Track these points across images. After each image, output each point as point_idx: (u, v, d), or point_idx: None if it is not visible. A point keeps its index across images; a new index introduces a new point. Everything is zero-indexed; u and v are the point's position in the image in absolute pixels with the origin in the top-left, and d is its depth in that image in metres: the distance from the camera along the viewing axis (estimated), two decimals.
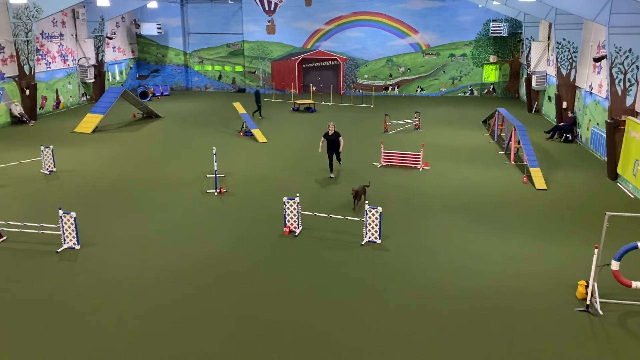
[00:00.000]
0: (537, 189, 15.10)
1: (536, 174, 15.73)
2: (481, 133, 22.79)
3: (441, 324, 8.39)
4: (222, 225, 12.42)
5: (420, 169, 17.18)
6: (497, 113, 21.25)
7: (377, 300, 9.09)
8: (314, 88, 32.64)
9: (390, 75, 34.30)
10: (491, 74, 33.46)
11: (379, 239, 11.41)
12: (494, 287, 9.55)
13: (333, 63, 34.29)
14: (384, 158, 17.69)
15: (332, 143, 15.78)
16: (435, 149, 19.75)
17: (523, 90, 30.93)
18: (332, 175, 16.16)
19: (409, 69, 34.00)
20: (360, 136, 22.10)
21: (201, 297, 9.20)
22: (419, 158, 17.38)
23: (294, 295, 9.27)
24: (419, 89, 34.27)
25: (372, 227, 11.40)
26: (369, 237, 11.47)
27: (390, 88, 34.52)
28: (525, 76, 28.72)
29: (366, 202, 13.28)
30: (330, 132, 15.73)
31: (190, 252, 10.99)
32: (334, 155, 16.11)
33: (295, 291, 9.41)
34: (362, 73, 34.50)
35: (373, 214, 11.29)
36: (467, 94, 33.94)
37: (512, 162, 17.90)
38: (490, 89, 33.64)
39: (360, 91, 34.21)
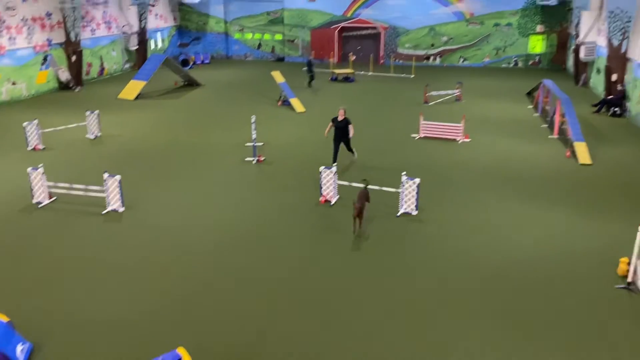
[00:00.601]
0: (581, 164, 14.67)
1: (580, 148, 15.26)
2: (524, 106, 22.16)
3: (477, 297, 8.39)
4: (259, 193, 12.62)
5: (460, 142, 16.91)
6: (541, 85, 20.58)
7: (411, 272, 9.13)
8: (354, 57, 32.24)
9: (432, 45, 33.53)
10: (537, 45, 32.29)
11: (415, 210, 11.38)
12: (533, 261, 9.44)
13: (373, 32, 33.71)
14: (422, 130, 17.47)
15: (341, 130, 14.06)
16: (476, 121, 19.36)
17: (570, 62, 29.76)
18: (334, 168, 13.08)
19: (451, 38, 33.15)
20: (399, 107, 21.85)
21: (236, 262, 9.45)
22: (460, 130, 17.09)
23: (326, 264, 9.40)
24: (461, 59, 33.43)
25: (409, 199, 11.36)
26: (405, 209, 11.45)
27: (431, 58, 33.80)
28: (573, 47, 27.59)
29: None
30: (340, 118, 14.08)
31: (228, 218, 11.24)
32: (343, 145, 14.36)
33: (327, 260, 9.54)
34: (403, 42, 33.84)
35: (410, 186, 11.24)
36: (511, 65, 32.93)
37: (556, 136, 17.40)
38: (536, 60, 32.51)
39: (401, 61, 33.62)
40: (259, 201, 12.13)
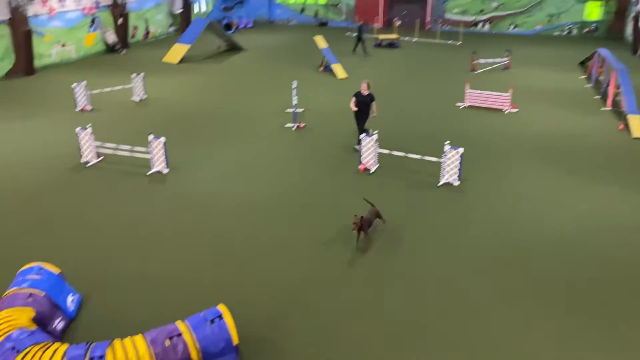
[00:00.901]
0: (634, 138, 14.02)
1: (635, 121, 14.56)
2: (577, 76, 21.22)
3: (517, 272, 8.24)
4: (298, 159, 12.63)
5: (507, 112, 16.40)
6: (596, 54, 19.60)
7: (450, 243, 9.03)
8: (399, 22, 31.43)
9: (482, 11, 32.31)
10: (594, 12, 30.65)
11: (457, 181, 11.18)
12: (579, 235, 9.16)
13: None
14: (468, 98, 17.01)
15: (364, 106, 12.49)
16: (525, 90, 18.69)
17: (629, 30, 28.16)
18: (357, 147, 12.55)
19: (502, 3, 31.83)
20: (444, 74, 21.29)
21: (274, 226, 9.55)
22: (507, 99, 16.55)
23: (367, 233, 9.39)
24: (511, 26, 32.14)
25: (451, 169, 11.16)
26: (447, 179, 11.26)
27: (480, 24, 32.63)
28: (632, 14, 26.05)
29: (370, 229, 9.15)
30: (364, 93, 12.45)
31: (266, 182, 11.33)
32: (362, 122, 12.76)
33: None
34: (451, 7, 32.73)
35: (453, 155, 11.02)
36: (565, 33, 31.46)
37: (609, 108, 16.64)
38: (592, 28, 30.92)
39: (448, 27, 32.58)
40: (298, 167, 12.16)
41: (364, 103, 12.48)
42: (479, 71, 21.73)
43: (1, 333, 5.94)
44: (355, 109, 12.49)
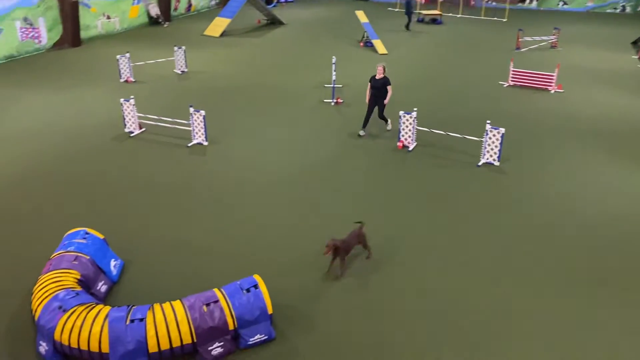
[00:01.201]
0: None
1: None
2: (629, 56, 20.30)
3: (557, 255, 8.08)
4: (336, 135, 12.59)
5: (553, 92, 15.88)
6: None
7: (489, 224, 8.90)
8: None
9: None
10: None
11: (498, 161, 10.96)
12: (623, 220, 8.89)
13: None
14: (512, 77, 16.54)
15: (378, 91, 11.94)
16: (572, 70, 18.02)
17: None
18: (362, 133, 12.34)
19: None
20: (488, 52, 20.72)
21: (311, 200, 9.61)
22: (553, 79, 16.01)
23: (401, 209, 9.35)
24: (561, 3, 30.88)
25: (492, 149, 10.94)
26: (487, 159, 11.05)
27: (527, 0, 31.45)
28: None
29: (368, 257, 7.95)
30: (378, 76, 11.90)
31: (303, 156, 11.37)
32: (377, 109, 12.26)
33: (402, 205, 9.48)
34: None
35: (494, 135, 10.79)
36: (618, 11, 30.03)
37: None
38: None
39: (494, 3, 31.53)
40: (335, 142, 12.13)
41: (378, 87, 11.92)
42: (524, 49, 21.05)
43: (49, 293, 6.24)
44: (367, 99, 12.09)
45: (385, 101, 12.03)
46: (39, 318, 6.04)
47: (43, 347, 5.99)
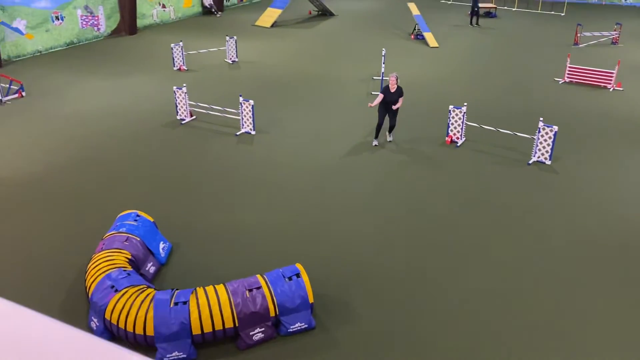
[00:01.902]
0: None
1: None
2: None
3: (605, 258, 7.81)
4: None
5: (611, 90, 15.25)
6: None
7: (538, 225, 8.68)
8: None
9: None
10: None
11: (549, 160, 10.64)
12: None
13: None
14: (568, 73, 15.97)
15: (392, 104, 11.07)
16: (634, 68, 17.23)
17: None
18: (376, 143, 11.49)
19: None
20: (544, 47, 20.05)
21: (356, 192, 9.61)
22: (612, 77, 15.36)
23: (447, 205, 9.24)
24: None
25: (544, 147, 10.63)
26: (538, 157, 10.75)
27: None
28: None
29: None
30: (392, 88, 10.91)
31: (350, 148, 11.36)
32: (388, 117, 11.36)
33: (448, 201, 9.36)
34: None
35: (546, 133, 10.48)
36: None
37: None
38: None
39: None
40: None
41: (391, 101, 10.97)
42: (582, 45, 20.25)
43: (102, 271, 6.52)
44: (371, 105, 11.17)
45: (398, 105, 11.01)
46: (92, 294, 6.32)
47: (94, 323, 6.28)
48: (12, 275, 7.37)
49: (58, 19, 19.46)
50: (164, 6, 24.15)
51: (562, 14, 26.43)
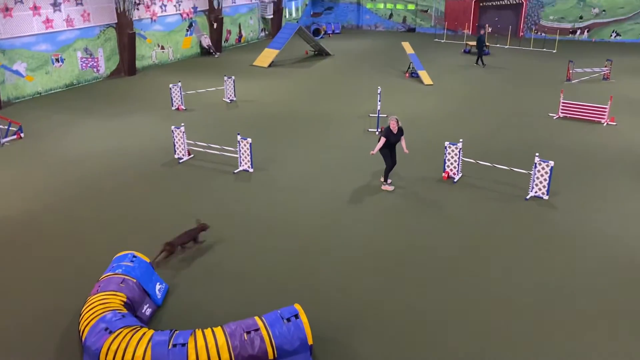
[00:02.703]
0: None
1: None
2: None
3: (607, 296, 7.72)
4: (380, 163, 12.55)
5: (605, 124, 15.41)
6: None
7: (537, 259, 8.62)
8: (490, 29, 30.43)
9: (581, 17, 30.60)
10: None
11: (547, 195, 10.65)
12: None
13: (515, 1, 31.49)
14: (562, 109, 16.17)
15: (395, 145, 11.10)
16: (625, 103, 17.47)
17: None
18: (391, 188, 11.26)
19: (604, 10, 29.96)
20: (538, 84, 20.38)
21: (354, 228, 9.57)
22: (605, 112, 15.55)
23: (447, 243, 9.18)
24: (613, 34, 30.17)
25: (540, 182, 10.66)
26: (535, 192, 10.77)
27: (578, 32, 30.91)
28: None
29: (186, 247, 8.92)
30: (395, 130, 10.86)
31: (347, 185, 11.37)
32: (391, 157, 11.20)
33: (448, 240, 9.31)
34: (547, 14, 31.26)
35: (543, 168, 10.53)
36: None
37: None
38: None
39: (544, 34, 31.11)
40: (379, 171, 12.10)
41: (395, 143, 11.02)
42: (575, 81, 20.59)
43: (96, 314, 6.41)
44: (372, 153, 11.02)
45: (404, 145, 11.08)
46: (86, 339, 6.20)
47: None
48: (3, 319, 7.23)
49: (58, 61, 19.76)
50: (162, 47, 24.58)
51: (554, 51, 26.97)
